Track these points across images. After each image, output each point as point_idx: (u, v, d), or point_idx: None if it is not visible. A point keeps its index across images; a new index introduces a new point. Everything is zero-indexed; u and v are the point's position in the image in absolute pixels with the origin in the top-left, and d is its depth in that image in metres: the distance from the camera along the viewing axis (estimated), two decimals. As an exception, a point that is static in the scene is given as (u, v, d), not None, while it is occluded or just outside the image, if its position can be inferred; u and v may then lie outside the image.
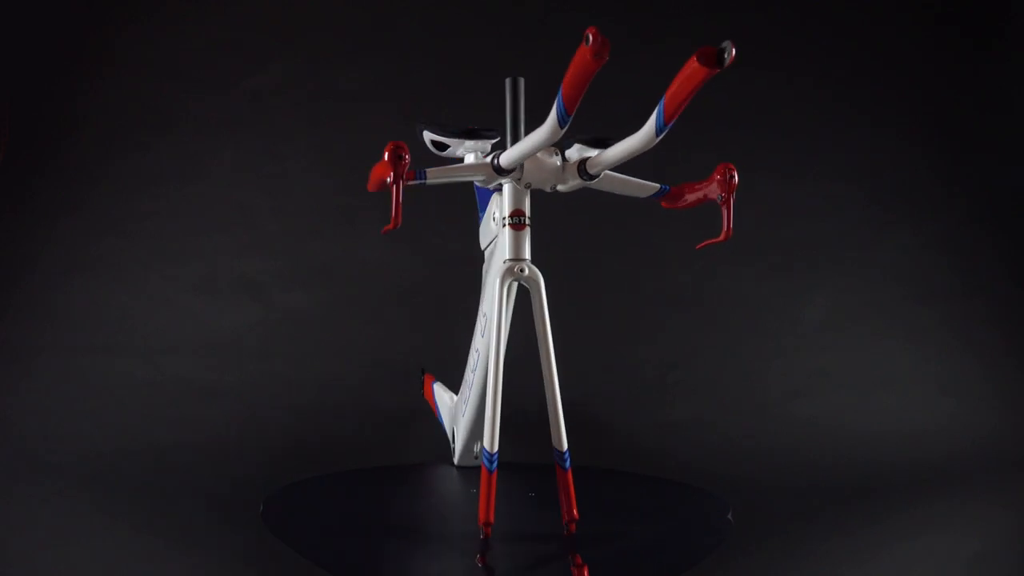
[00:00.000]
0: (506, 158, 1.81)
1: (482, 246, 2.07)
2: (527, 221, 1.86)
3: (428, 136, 1.96)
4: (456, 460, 2.33)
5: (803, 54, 3.18)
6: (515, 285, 1.90)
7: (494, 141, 1.96)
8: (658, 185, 1.86)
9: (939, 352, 2.93)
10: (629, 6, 3.21)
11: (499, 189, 1.92)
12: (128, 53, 3.11)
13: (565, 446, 1.82)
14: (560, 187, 1.89)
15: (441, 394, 2.45)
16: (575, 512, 1.83)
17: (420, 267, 2.96)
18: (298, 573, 1.78)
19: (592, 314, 3.00)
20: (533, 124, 1.81)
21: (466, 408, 2.17)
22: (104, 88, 3.09)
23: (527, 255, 1.86)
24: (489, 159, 1.85)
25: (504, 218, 1.88)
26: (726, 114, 3.15)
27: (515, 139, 1.92)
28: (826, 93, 3.16)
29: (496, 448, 1.82)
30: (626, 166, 1.81)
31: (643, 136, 1.60)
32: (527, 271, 1.85)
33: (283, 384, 2.76)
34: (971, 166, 3.14)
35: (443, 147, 1.96)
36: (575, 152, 1.89)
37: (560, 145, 1.87)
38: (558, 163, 1.85)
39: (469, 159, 1.94)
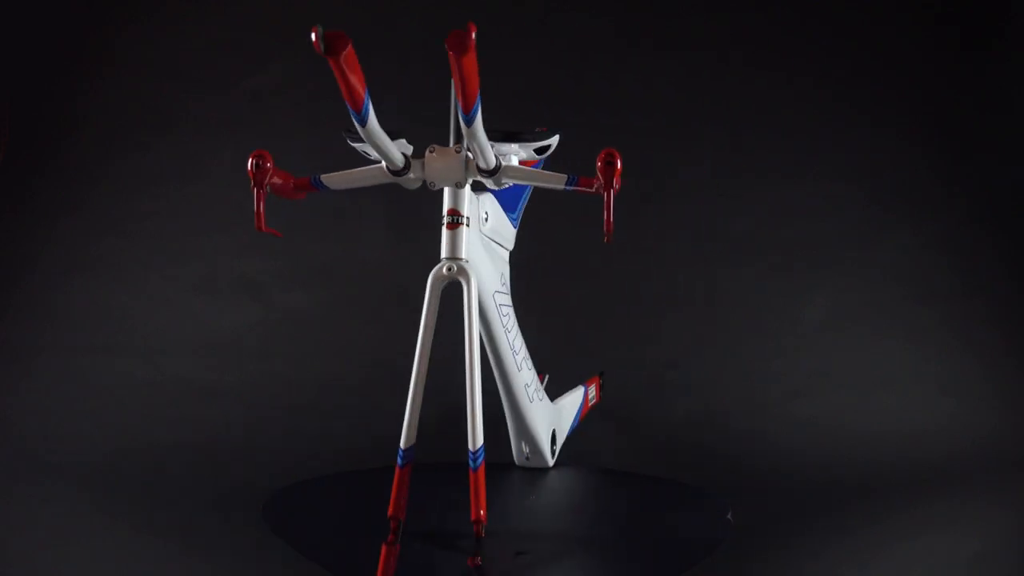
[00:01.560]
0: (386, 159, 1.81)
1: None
2: (462, 220, 1.85)
3: (350, 143, 1.95)
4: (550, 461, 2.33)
5: (803, 54, 3.18)
6: (467, 287, 1.87)
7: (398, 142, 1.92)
8: (566, 175, 1.83)
9: (939, 352, 2.92)
10: (629, 6, 3.21)
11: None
12: (128, 53, 3.11)
13: (477, 445, 1.80)
14: (487, 183, 1.87)
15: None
16: (482, 513, 1.78)
17: (421, 267, 2.95)
18: (298, 573, 1.78)
19: (591, 314, 3.00)
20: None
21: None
22: (104, 88, 3.09)
23: (461, 254, 1.84)
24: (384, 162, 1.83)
25: (441, 217, 1.87)
26: (726, 114, 3.15)
27: (456, 138, 1.90)
28: (826, 93, 3.16)
29: (408, 444, 1.80)
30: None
31: (464, 130, 1.63)
32: (455, 269, 1.84)
33: (283, 384, 2.76)
34: (971, 166, 3.13)
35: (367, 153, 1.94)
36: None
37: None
38: (461, 161, 1.83)
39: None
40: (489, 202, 1.99)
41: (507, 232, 2.09)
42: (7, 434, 2.51)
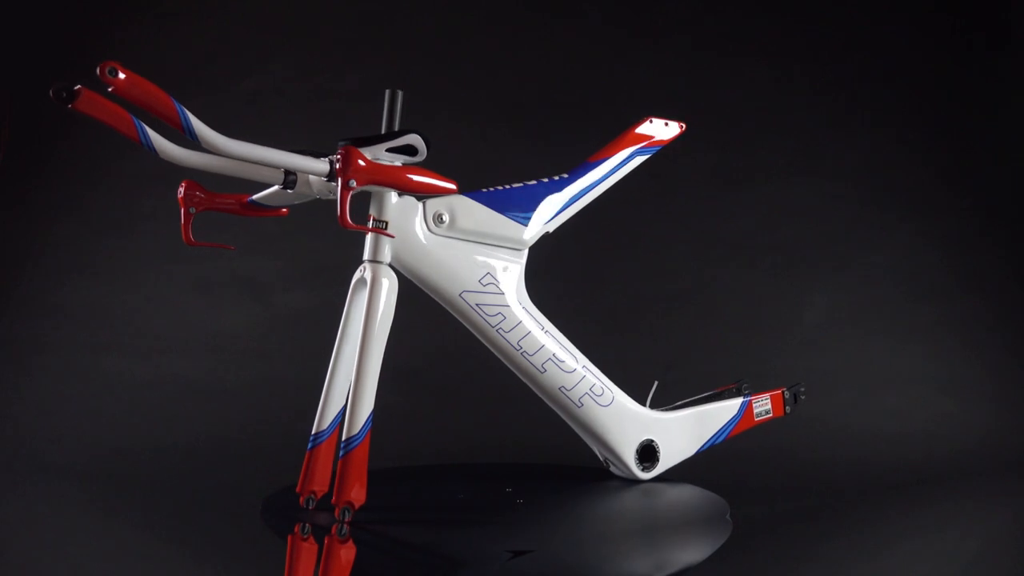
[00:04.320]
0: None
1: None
2: (381, 224, 1.93)
3: None
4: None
5: (803, 54, 3.18)
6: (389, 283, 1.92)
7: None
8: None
9: (939, 352, 2.93)
10: (629, 6, 3.21)
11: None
12: (128, 53, 3.11)
13: (350, 434, 1.87)
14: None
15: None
16: (345, 498, 1.85)
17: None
18: (298, 573, 1.78)
19: (591, 313, 3.00)
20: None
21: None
22: (104, 88, 3.08)
23: (380, 257, 1.93)
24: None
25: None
26: (726, 114, 3.15)
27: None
28: (826, 93, 3.16)
29: (317, 430, 1.96)
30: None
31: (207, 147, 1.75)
32: (366, 269, 1.93)
33: (283, 384, 2.76)
34: (971, 166, 3.14)
35: None
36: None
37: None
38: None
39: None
40: (454, 203, 1.99)
41: (502, 231, 2.06)
42: (7, 434, 2.51)
